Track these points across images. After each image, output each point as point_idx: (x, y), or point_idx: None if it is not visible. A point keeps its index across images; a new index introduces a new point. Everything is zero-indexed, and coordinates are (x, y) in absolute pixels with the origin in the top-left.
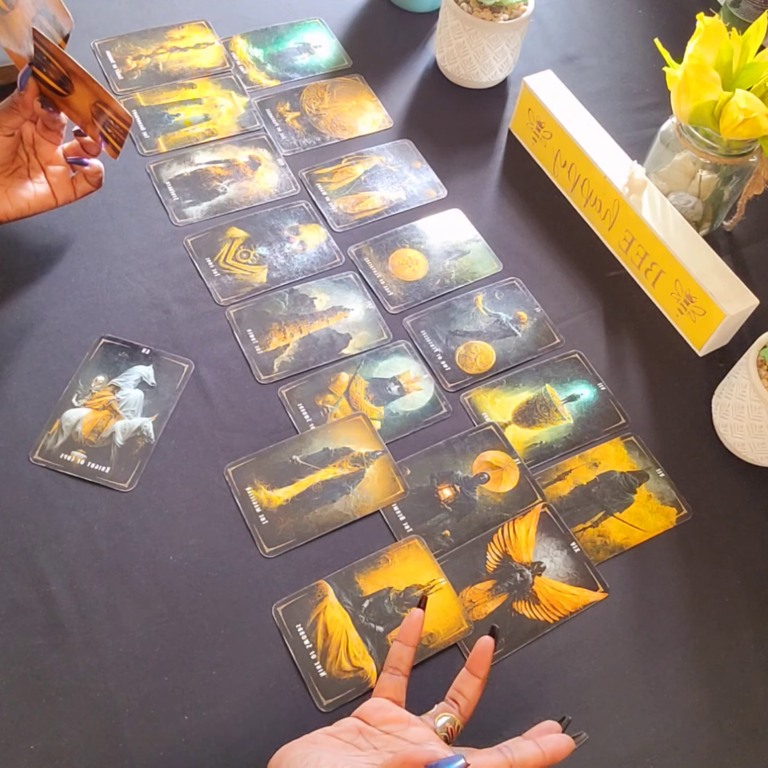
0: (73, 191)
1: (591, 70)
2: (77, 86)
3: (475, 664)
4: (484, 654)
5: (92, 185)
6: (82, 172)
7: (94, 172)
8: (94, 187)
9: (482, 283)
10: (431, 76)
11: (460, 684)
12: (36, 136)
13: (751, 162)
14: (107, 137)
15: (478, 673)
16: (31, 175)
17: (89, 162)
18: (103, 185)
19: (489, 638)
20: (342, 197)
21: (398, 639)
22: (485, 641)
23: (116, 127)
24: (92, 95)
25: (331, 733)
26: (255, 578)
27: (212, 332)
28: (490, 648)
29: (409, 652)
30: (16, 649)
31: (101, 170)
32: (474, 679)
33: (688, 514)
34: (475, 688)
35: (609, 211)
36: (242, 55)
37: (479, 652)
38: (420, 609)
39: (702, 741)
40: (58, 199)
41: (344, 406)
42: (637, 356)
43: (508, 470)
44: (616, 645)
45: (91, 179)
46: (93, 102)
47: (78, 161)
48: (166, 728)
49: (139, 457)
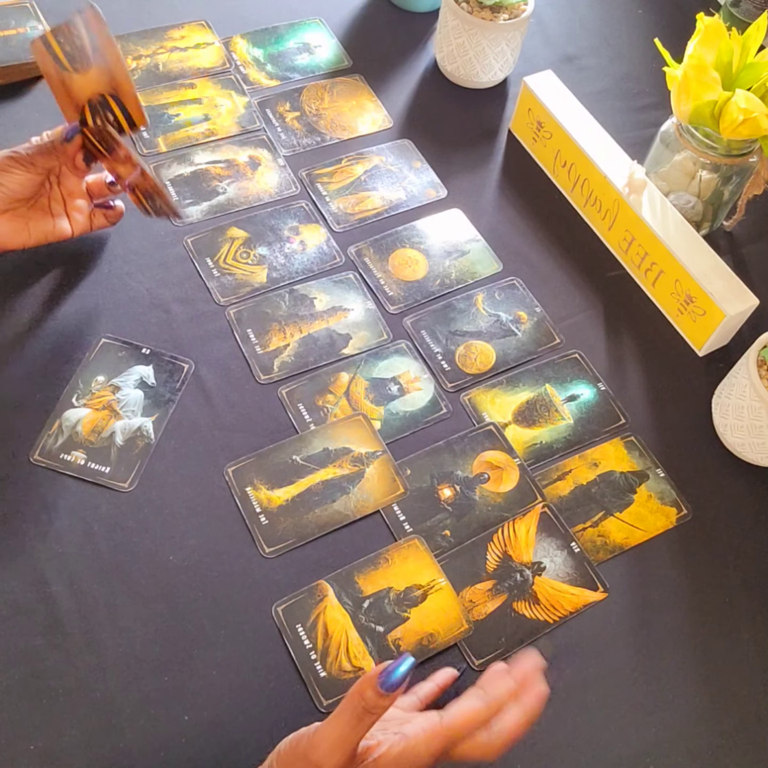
0: (90, 225)
1: (591, 70)
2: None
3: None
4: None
5: (109, 223)
6: (103, 212)
7: (115, 214)
8: (110, 225)
9: (482, 283)
10: (431, 76)
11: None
12: (63, 169)
13: (751, 162)
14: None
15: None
16: (51, 206)
17: (114, 204)
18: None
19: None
20: (342, 197)
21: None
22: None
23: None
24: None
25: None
26: (255, 578)
27: (212, 332)
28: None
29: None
30: (16, 649)
31: (122, 211)
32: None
33: (688, 514)
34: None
35: (609, 211)
36: (242, 55)
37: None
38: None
39: (702, 741)
40: (74, 232)
41: (344, 406)
42: (637, 356)
43: (508, 470)
44: (616, 645)
45: (111, 219)
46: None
47: (103, 205)
48: (166, 728)
49: (139, 457)
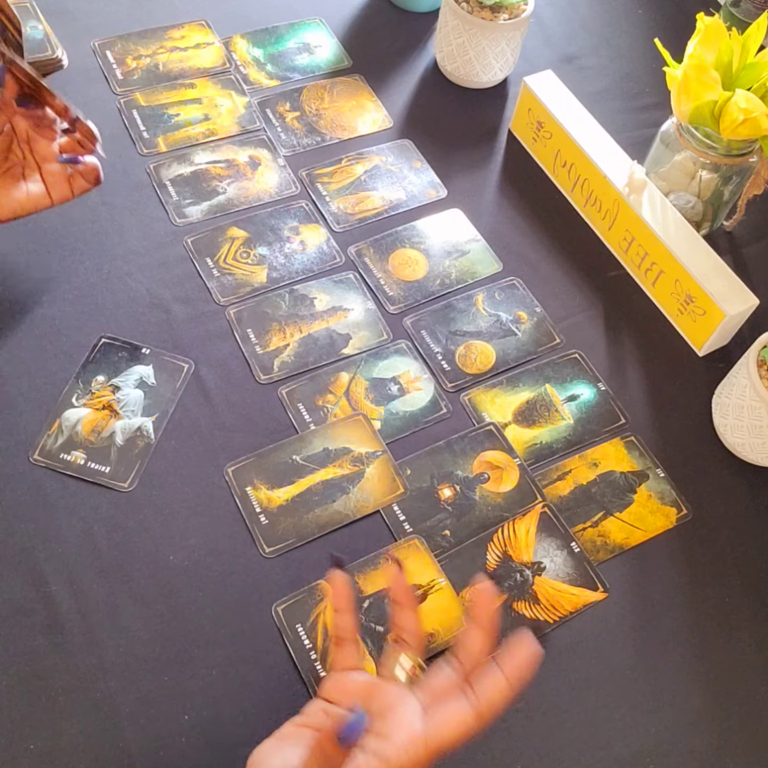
0: (70, 190)
1: (591, 70)
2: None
3: (398, 597)
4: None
5: (90, 183)
6: (80, 172)
7: (89, 170)
8: (91, 185)
9: (482, 283)
10: (431, 76)
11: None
12: (30, 133)
13: (751, 162)
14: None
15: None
16: (25, 174)
17: (83, 160)
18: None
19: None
20: (342, 197)
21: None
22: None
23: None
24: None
25: (299, 724)
26: (255, 578)
27: (212, 332)
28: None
29: (347, 618)
30: (17, 649)
31: (97, 167)
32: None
33: (688, 514)
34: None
35: (609, 211)
36: (242, 55)
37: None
38: (338, 570)
39: (702, 741)
40: (53, 199)
41: (344, 406)
42: (637, 356)
43: (508, 470)
44: (616, 645)
45: (88, 177)
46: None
47: (71, 159)
48: (166, 728)
49: (139, 457)
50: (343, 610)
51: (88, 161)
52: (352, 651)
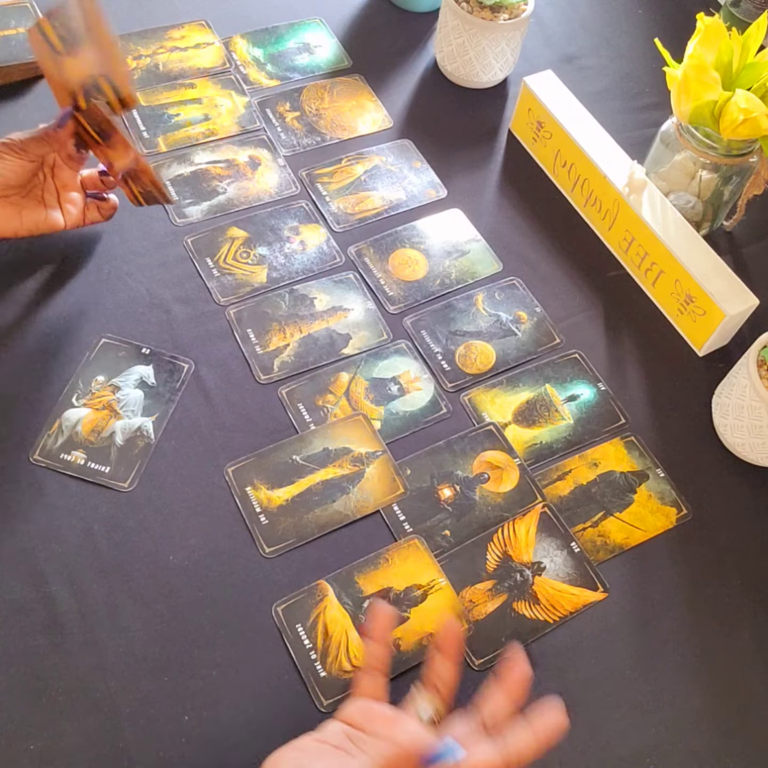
0: (83, 219)
1: (591, 70)
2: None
3: (445, 649)
4: (453, 637)
5: (102, 217)
6: (97, 205)
7: (109, 207)
8: (103, 219)
9: (482, 283)
10: (431, 76)
11: (435, 670)
12: (57, 161)
13: (751, 162)
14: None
15: (451, 658)
16: (45, 197)
17: (108, 197)
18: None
19: (454, 620)
20: (342, 197)
21: (370, 637)
22: (450, 624)
23: (151, 195)
24: (131, 162)
25: (319, 740)
26: (255, 578)
27: (212, 332)
28: (458, 630)
29: (383, 650)
30: (17, 649)
31: (116, 206)
32: (448, 664)
33: (688, 514)
34: (452, 673)
35: (609, 211)
36: (242, 55)
37: (447, 636)
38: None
39: (702, 741)
40: (67, 224)
41: (344, 406)
42: (637, 356)
43: (508, 470)
44: (616, 645)
45: (104, 212)
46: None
47: (96, 195)
48: (166, 728)
49: (139, 457)
50: (380, 641)
51: (111, 199)
52: (381, 682)
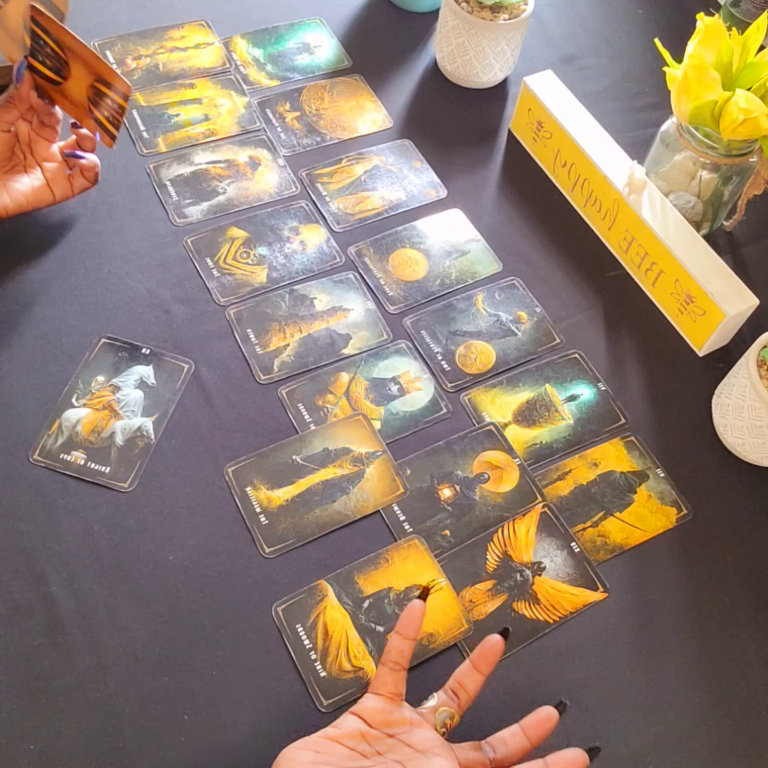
0: (70, 187)
1: (591, 70)
2: (74, 68)
3: (481, 661)
4: (494, 653)
5: (89, 181)
6: (79, 167)
7: (90, 167)
8: (90, 183)
9: (482, 283)
10: (431, 76)
11: (462, 677)
12: (32, 135)
13: (751, 162)
14: (104, 122)
15: (482, 670)
16: (27, 171)
17: (85, 156)
18: (100, 183)
19: (500, 637)
20: (342, 197)
21: (398, 632)
22: (496, 640)
23: (114, 108)
24: (90, 74)
25: (333, 738)
26: (255, 578)
27: (212, 332)
28: (501, 647)
29: (410, 645)
30: (16, 649)
31: (97, 165)
32: (477, 675)
33: (688, 514)
34: (477, 684)
35: (609, 211)
36: (242, 55)
37: (488, 650)
38: (421, 600)
39: (702, 741)
40: (55, 195)
41: (344, 406)
42: (637, 356)
43: (508, 470)
44: (616, 645)
45: (88, 174)
46: (90, 83)
47: (74, 154)
48: (166, 728)
49: (139, 457)
50: (409, 638)
51: (89, 158)
52: (401, 679)
